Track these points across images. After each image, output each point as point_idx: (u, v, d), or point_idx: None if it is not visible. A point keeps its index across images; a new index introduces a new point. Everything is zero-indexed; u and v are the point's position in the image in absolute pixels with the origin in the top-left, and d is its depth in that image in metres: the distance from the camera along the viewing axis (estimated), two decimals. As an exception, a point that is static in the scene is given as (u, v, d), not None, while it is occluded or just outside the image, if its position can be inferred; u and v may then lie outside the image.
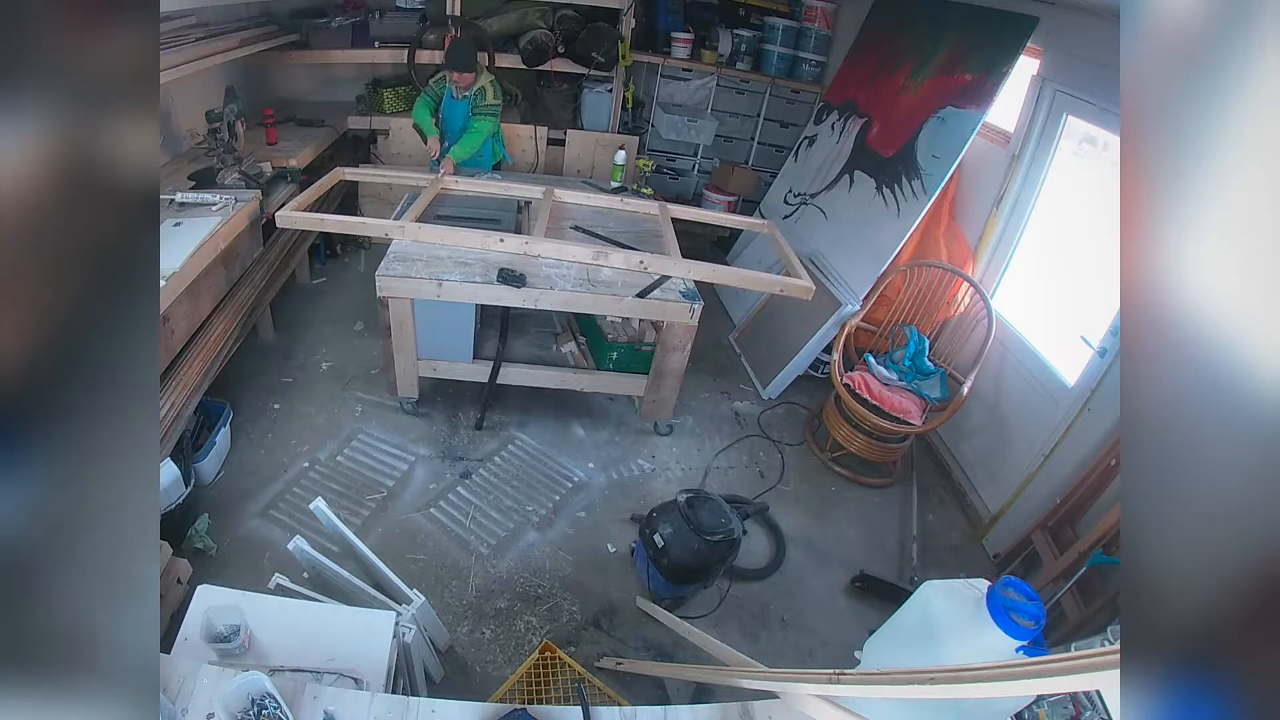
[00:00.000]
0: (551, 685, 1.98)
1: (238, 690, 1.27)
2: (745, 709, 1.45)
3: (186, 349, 2.71)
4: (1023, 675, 0.90)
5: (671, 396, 3.26)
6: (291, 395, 3.31)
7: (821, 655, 2.52)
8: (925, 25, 3.97)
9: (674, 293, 2.95)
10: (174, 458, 2.42)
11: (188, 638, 1.54)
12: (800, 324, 3.80)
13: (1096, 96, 2.83)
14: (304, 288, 4.16)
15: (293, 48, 4.22)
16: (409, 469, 3.01)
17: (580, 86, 4.91)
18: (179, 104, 3.44)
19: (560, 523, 2.89)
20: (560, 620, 2.49)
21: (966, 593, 1.35)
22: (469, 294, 2.82)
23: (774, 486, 3.29)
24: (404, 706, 1.35)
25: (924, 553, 3.03)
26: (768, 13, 5.21)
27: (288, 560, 2.16)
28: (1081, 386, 2.78)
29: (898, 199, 3.62)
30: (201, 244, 2.75)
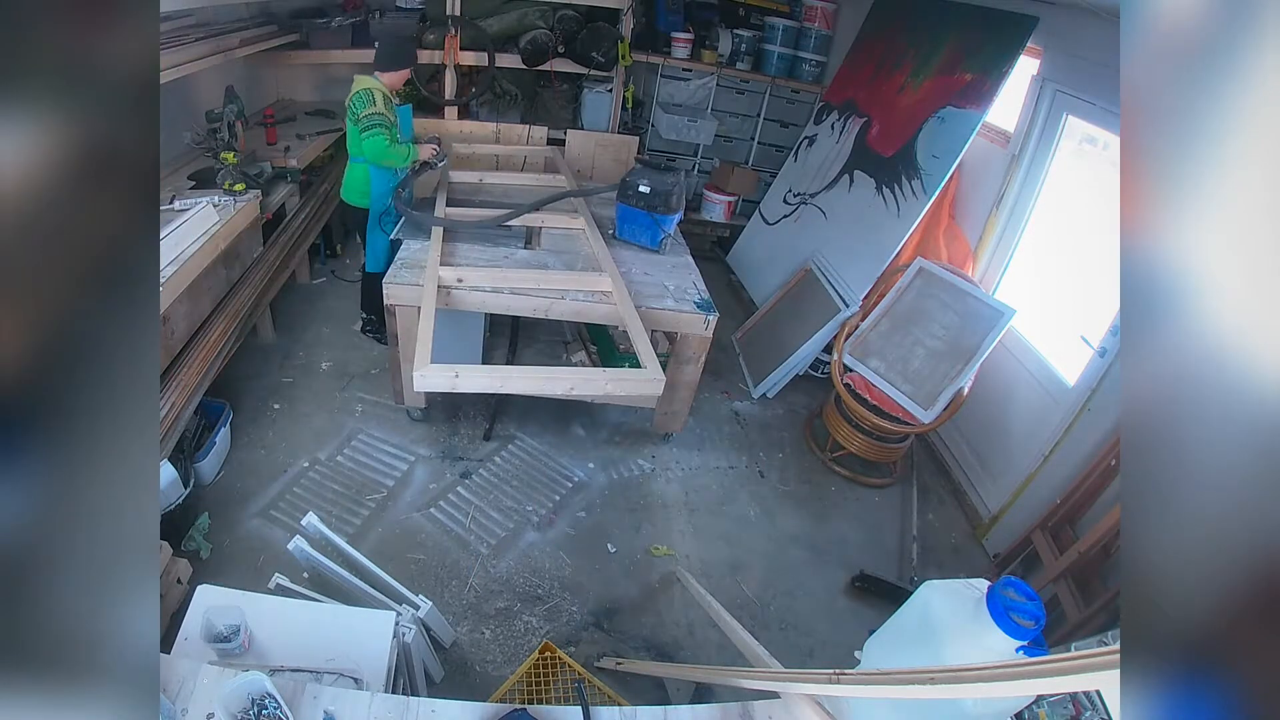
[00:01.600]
0: (551, 685, 1.98)
1: (238, 690, 1.27)
2: (745, 709, 1.45)
3: (186, 349, 2.71)
4: (1023, 675, 0.90)
5: (684, 408, 3.24)
6: (291, 395, 3.31)
7: (821, 655, 2.52)
8: (925, 25, 3.97)
9: (689, 303, 2.93)
10: (174, 458, 2.42)
11: (188, 638, 1.54)
12: (800, 324, 3.80)
13: (1096, 96, 2.83)
14: (304, 288, 4.16)
15: (293, 48, 4.23)
16: (409, 469, 3.01)
17: (580, 86, 4.91)
18: (179, 104, 3.44)
19: (560, 523, 2.89)
20: (560, 620, 2.49)
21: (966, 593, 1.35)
22: (477, 302, 2.79)
23: (774, 486, 3.29)
24: (404, 706, 1.35)
25: (924, 553, 3.03)
26: (768, 13, 5.21)
27: (287, 560, 2.16)
28: (1081, 386, 2.78)
29: (897, 199, 3.62)
30: (201, 244, 2.75)
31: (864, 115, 4.21)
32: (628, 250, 3.32)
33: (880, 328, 3.32)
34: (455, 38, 4.38)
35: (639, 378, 2.39)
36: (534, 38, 4.46)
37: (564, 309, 2.82)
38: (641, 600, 2.63)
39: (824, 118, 4.67)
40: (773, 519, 3.11)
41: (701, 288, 3.07)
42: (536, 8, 4.54)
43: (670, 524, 2.98)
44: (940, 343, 3.12)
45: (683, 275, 3.17)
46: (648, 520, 2.98)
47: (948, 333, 3.13)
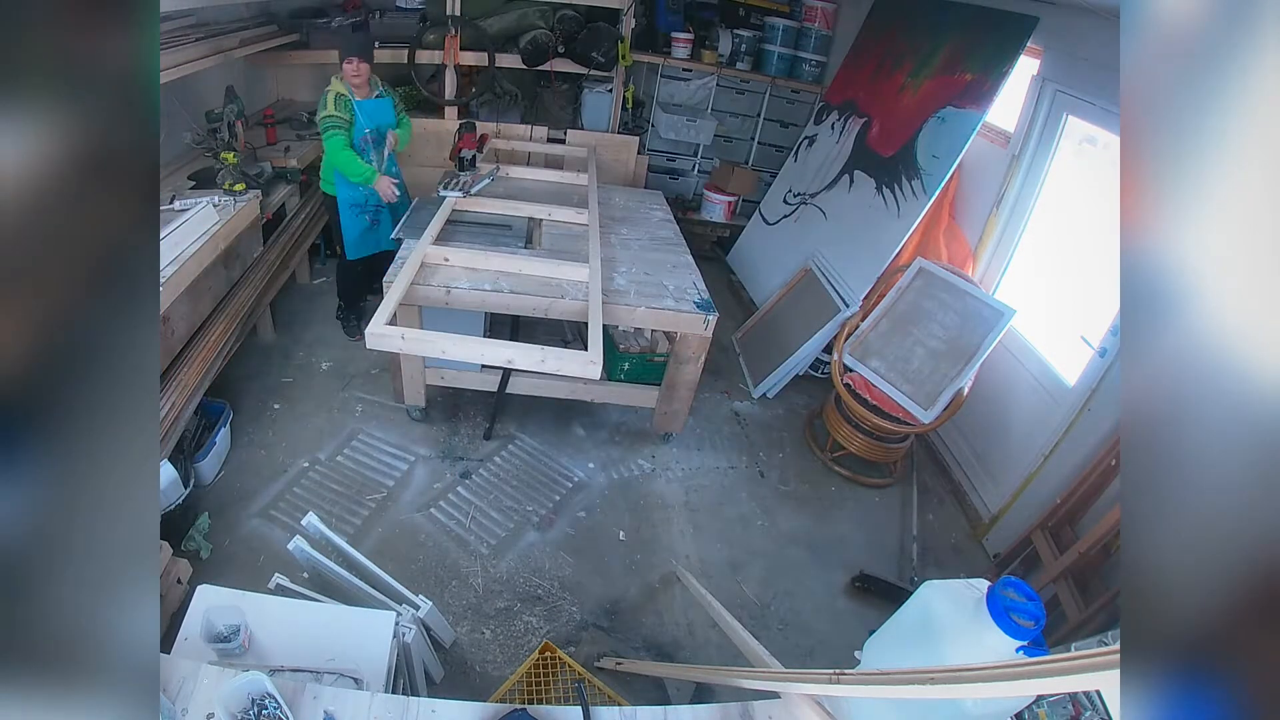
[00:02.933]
0: (551, 685, 1.98)
1: (238, 690, 1.27)
2: (745, 709, 1.45)
3: (186, 349, 2.71)
4: (1023, 675, 0.90)
5: (684, 408, 3.24)
6: (291, 395, 3.31)
7: (821, 655, 2.52)
8: (925, 25, 3.97)
9: (689, 303, 2.93)
10: (174, 458, 2.42)
11: (188, 638, 1.54)
12: (800, 325, 3.80)
13: (1096, 96, 2.83)
14: (304, 288, 4.16)
15: (293, 48, 4.23)
16: (409, 469, 3.01)
17: (580, 86, 4.91)
18: (179, 104, 3.44)
19: (560, 523, 2.89)
20: (560, 620, 2.49)
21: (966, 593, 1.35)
22: (477, 301, 2.79)
23: (774, 486, 3.29)
24: (404, 706, 1.35)
25: (924, 553, 3.03)
26: (768, 13, 5.21)
27: (287, 560, 2.16)
28: (1081, 386, 2.78)
29: (897, 199, 3.62)
30: (201, 244, 2.75)
31: (864, 115, 4.21)
32: (629, 250, 3.32)
33: (880, 328, 3.32)
34: (455, 38, 4.38)
35: (578, 358, 2.41)
36: (534, 38, 4.46)
37: (564, 308, 2.82)
38: (641, 600, 2.63)
39: (824, 118, 4.67)
40: (773, 519, 3.11)
41: (701, 288, 3.07)
42: (536, 8, 4.54)
43: (670, 524, 2.98)
44: (940, 343, 3.13)
45: (683, 275, 3.17)
46: (648, 520, 2.98)
47: (948, 333, 3.13)
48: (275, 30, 4.04)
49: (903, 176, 3.63)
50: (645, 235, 3.54)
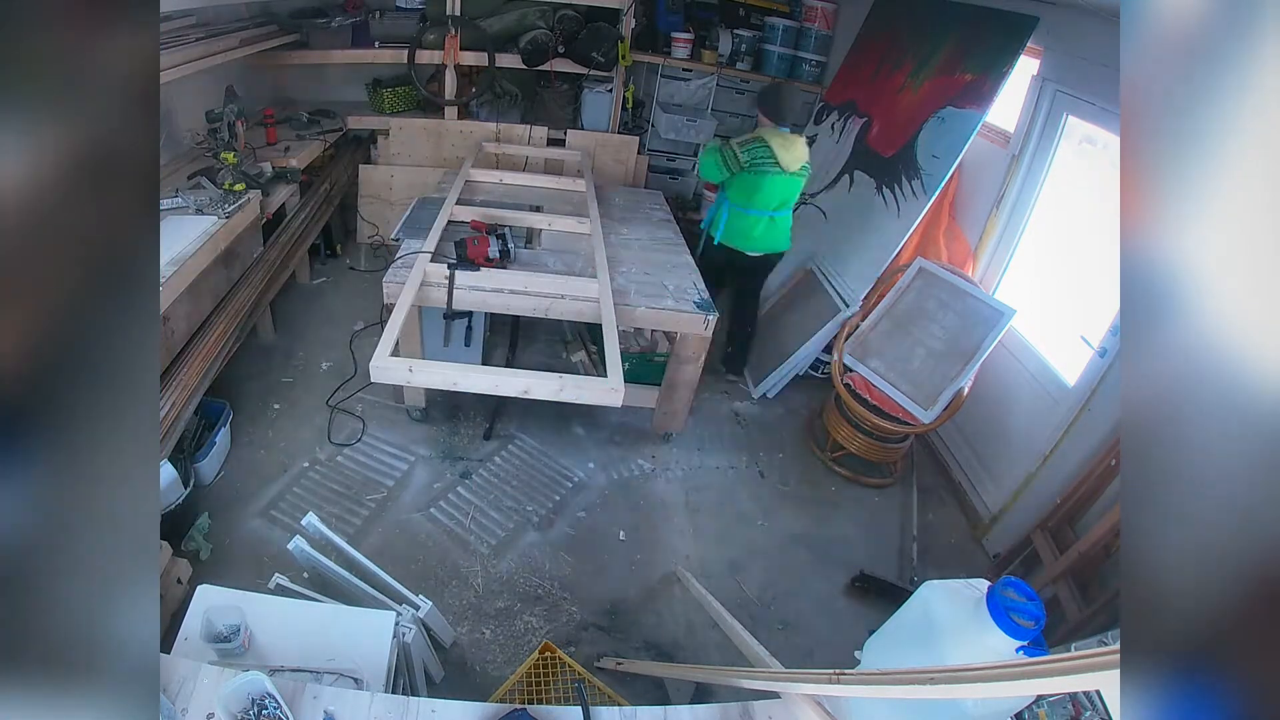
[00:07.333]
0: (551, 685, 1.98)
1: (238, 690, 1.27)
2: (745, 709, 1.45)
3: (186, 349, 2.71)
4: (1023, 675, 0.90)
5: (683, 408, 3.23)
6: (292, 395, 3.31)
7: (821, 655, 2.52)
8: (925, 25, 3.96)
9: (688, 303, 2.93)
10: (174, 458, 2.42)
11: (188, 638, 1.54)
12: (800, 325, 3.79)
13: (1096, 96, 2.83)
14: (304, 288, 4.16)
15: (293, 48, 4.22)
16: (409, 469, 3.01)
17: (580, 86, 4.91)
18: (179, 104, 3.44)
19: (560, 523, 2.89)
20: (560, 620, 2.49)
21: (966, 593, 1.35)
22: (477, 302, 2.78)
23: (774, 486, 3.29)
24: (404, 706, 1.35)
25: (924, 553, 3.03)
26: (768, 13, 5.20)
27: (287, 560, 2.16)
28: (1081, 386, 2.78)
29: (897, 199, 3.62)
30: (201, 244, 2.75)
31: (864, 115, 4.21)
32: (629, 250, 3.32)
33: (880, 328, 3.33)
34: (455, 38, 4.38)
35: (598, 386, 2.31)
36: (534, 38, 4.46)
37: (564, 309, 2.82)
38: (641, 600, 2.63)
39: (824, 118, 4.67)
40: (773, 519, 3.11)
41: (701, 288, 3.07)
42: (536, 8, 4.54)
43: (670, 524, 2.98)
44: (940, 343, 3.13)
45: (683, 275, 3.17)
46: (648, 520, 2.98)
47: (948, 333, 3.13)
48: (275, 30, 4.04)
49: (903, 176, 3.63)
50: (645, 235, 3.54)
